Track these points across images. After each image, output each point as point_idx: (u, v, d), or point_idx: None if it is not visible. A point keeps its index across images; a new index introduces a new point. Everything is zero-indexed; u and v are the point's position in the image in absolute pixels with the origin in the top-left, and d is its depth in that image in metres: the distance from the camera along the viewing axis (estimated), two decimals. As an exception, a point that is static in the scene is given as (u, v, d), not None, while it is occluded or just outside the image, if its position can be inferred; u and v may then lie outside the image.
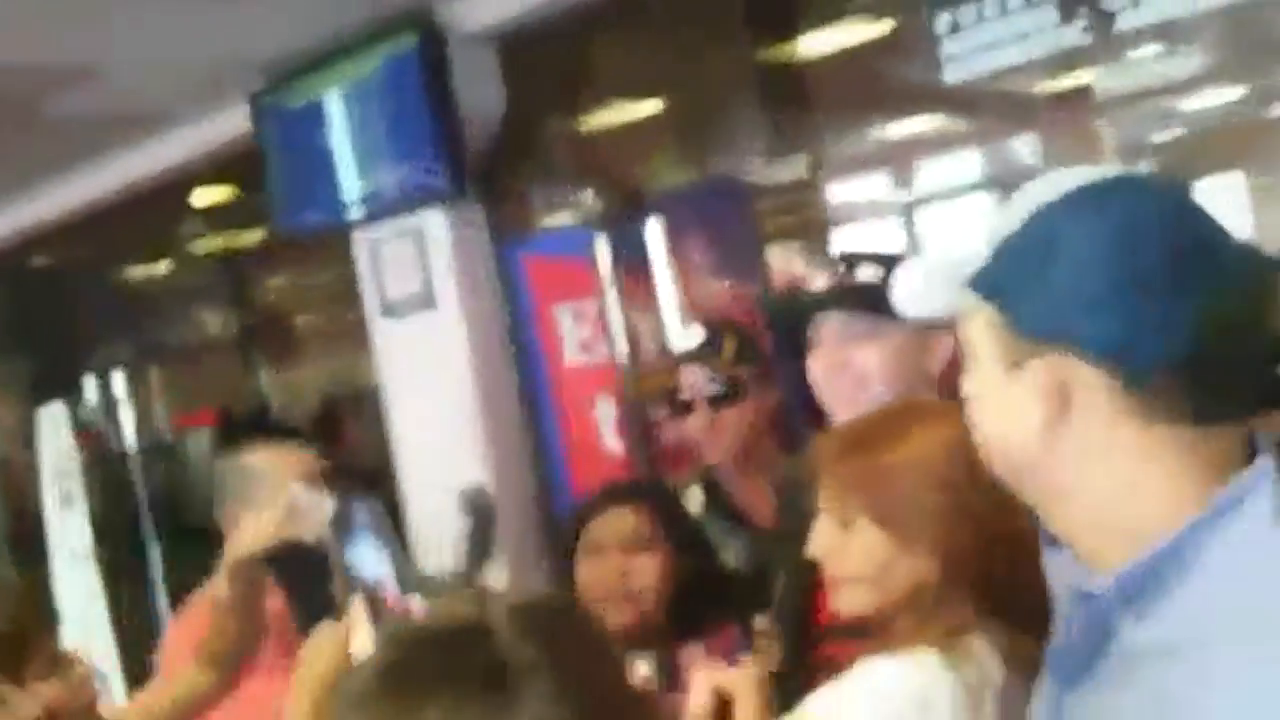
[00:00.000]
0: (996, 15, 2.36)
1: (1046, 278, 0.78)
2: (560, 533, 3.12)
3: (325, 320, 5.34)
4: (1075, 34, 2.32)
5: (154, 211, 4.77)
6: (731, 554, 2.04)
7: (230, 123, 3.69)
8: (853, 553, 1.16)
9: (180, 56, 3.27)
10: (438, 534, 2.89)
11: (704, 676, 1.15)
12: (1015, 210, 0.83)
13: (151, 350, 5.48)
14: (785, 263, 3.26)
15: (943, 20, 2.45)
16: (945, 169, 4.76)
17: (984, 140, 4.61)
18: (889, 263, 1.53)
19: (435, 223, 3.33)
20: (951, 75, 2.38)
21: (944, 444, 1.12)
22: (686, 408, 2.07)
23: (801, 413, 1.92)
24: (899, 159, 4.23)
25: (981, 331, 0.84)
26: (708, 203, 3.13)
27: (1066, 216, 0.79)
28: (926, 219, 4.75)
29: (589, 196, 3.26)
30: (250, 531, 1.67)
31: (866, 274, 1.53)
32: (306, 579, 1.52)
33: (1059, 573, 0.88)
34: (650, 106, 3.60)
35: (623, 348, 3.09)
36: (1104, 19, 2.30)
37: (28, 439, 4.97)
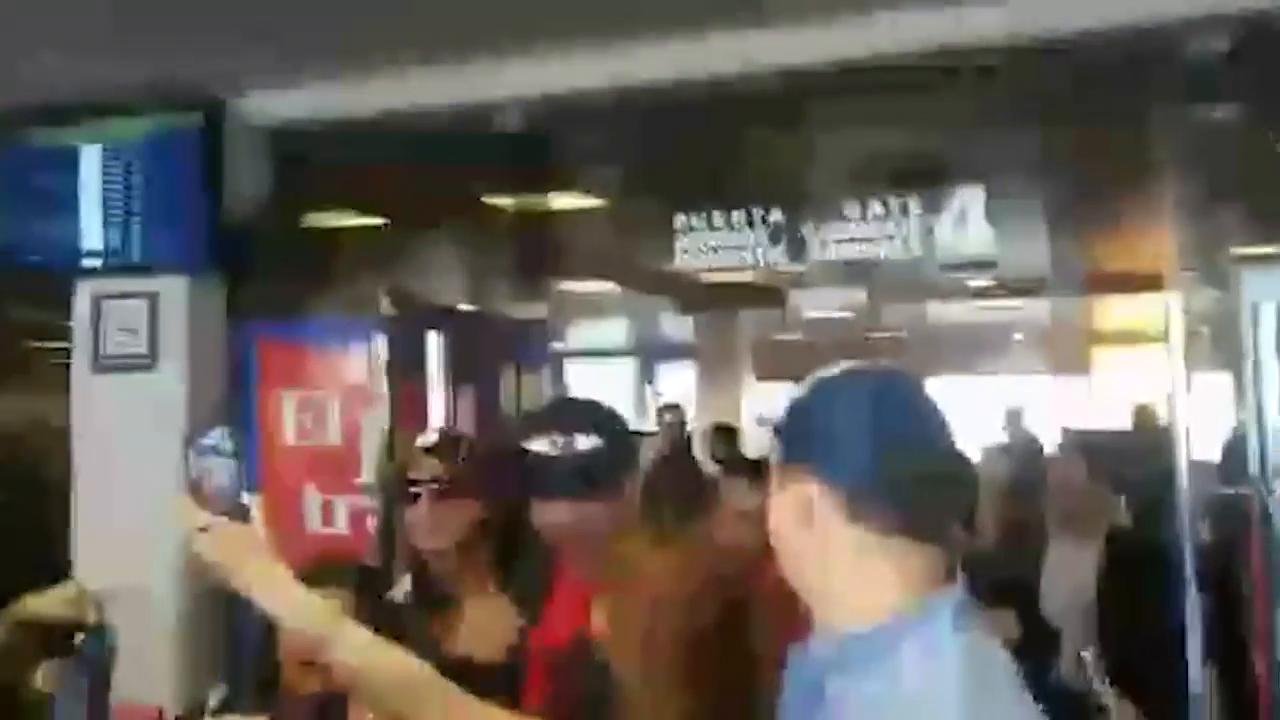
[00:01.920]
0: (723, 226, 2.98)
1: (803, 427, 1.19)
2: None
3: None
4: (776, 254, 2.97)
5: None
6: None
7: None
8: None
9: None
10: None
11: None
12: (804, 385, 1.23)
13: None
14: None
15: (679, 219, 3.03)
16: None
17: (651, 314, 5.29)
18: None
19: (174, 289, 3.40)
20: (683, 269, 2.95)
21: None
22: (415, 497, 2.16)
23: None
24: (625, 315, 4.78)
25: (773, 461, 1.23)
26: (472, 326, 3.45)
27: (821, 392, 1.20)
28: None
29: (358, 297, 3.48)
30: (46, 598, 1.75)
31: (585, 444, 1.65)
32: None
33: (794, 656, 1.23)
34: (410, 223, 3.92)
35: (371, 441, 3.28)
36: (799, 247, 2.98)
37: None
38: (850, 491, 1.15)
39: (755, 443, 7.36)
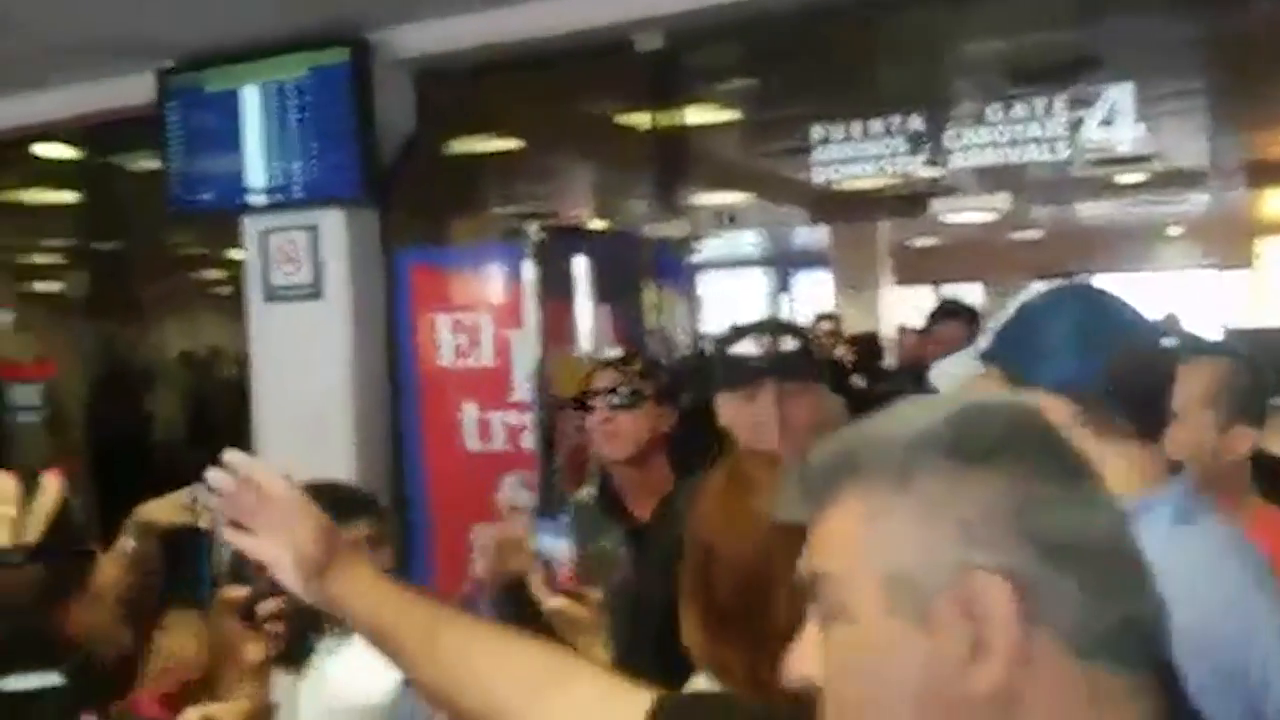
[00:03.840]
0: (860, 135, 2.97)
1: (1028, 346, 1.24)
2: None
3: (179, 290, 5.38)
4: (914, 163, 2.95)
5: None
6: (610, 538, 2.27)
7: (130, 93, 3.81)
8: None
9: (96, 21, 3.39)
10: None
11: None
12: (1008, 310, 1.29)
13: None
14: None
15: (816, 132, 3.03)
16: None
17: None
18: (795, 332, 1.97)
19: (333, 221, 3.60)
20: (819, 178, 2.96)
21: None
22: (589, 408, 2.28)
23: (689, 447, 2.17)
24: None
25: (986, 385, 1.26)
26: (613, 247, 3.55)
27: (1035, 312, 1.27)
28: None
29: (502, 221, 3.62)
30: (162, 504, 1.93)
31: (788, 343, 1.91)
32: (183, 559, 1.81)
33: None
34: (549, 148, 4.01)
35: (527, 357, 3.42)
36: (940, 153, 2.94)
37: None
38: (1083, 402, 1.19)
39: (892, 351, 7.31)
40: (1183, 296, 8.86)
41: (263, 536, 1.18)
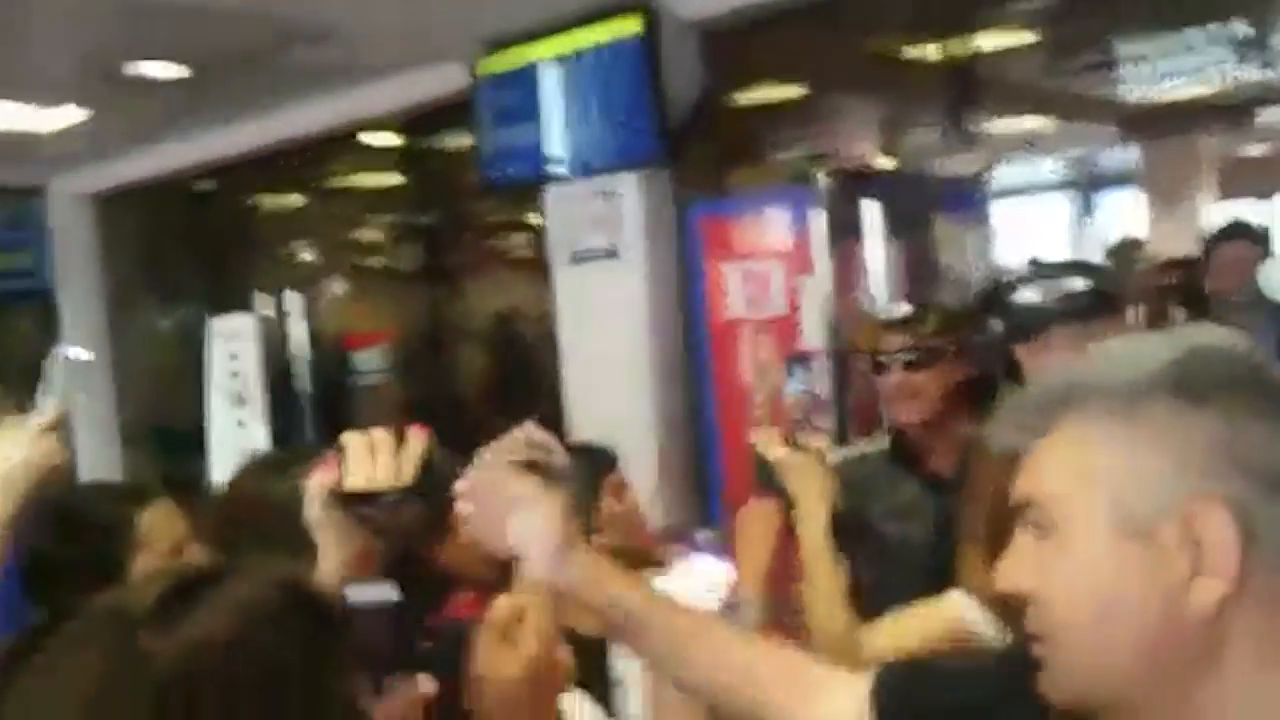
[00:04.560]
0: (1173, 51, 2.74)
1: None
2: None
3: (497, 260, 5.82)
4: (1238, 71, 2.69)
5: (333, 152, 5.28)
6: (905, 491, 2.25)
7: (442, 81, 4.15)
8: None
9: (407, 22, 3.69)
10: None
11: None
12: None
13: (324, 274, 6.01)
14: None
15: (1121, 47, 2.82)
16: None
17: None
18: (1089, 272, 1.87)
19: (628, 185, 3.75)
20: (1129, 94, 2.76)
21: None
22: (883, 368, 2.24)
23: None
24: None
25: None
26: (902, 186, 3.49)
27: None
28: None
29: (789, 168, 3.64)
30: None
31: (1077, 284, 1.83)
32: None
33: None
34: (838, 94, 3.98)
35: (815, 305, 3.44)
36: (1271, 57, 2.67)
37: (193, 345, 5.48)
38: None
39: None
40: None
41: (511, 517, 1.17)
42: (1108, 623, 0.78)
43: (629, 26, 3.51)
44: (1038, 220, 11.83)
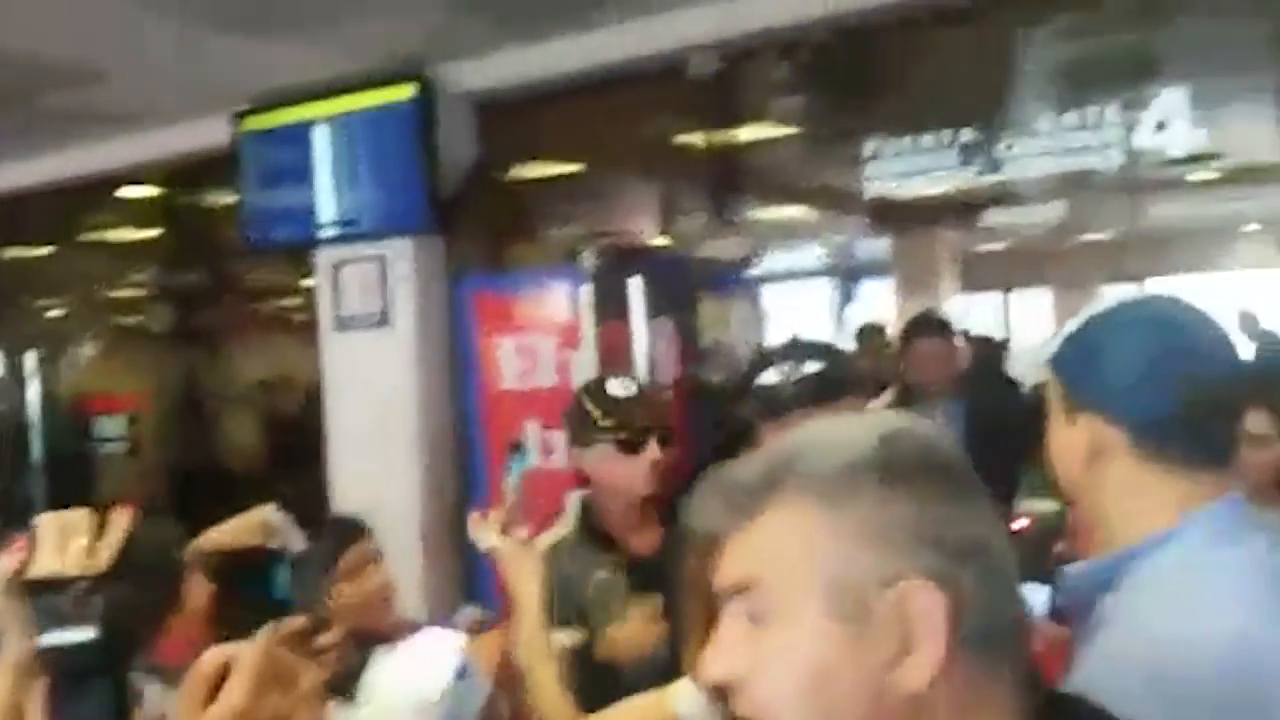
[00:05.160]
0: (910, 151, 2.99)
1: (1088, 367, 1.20)
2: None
3: (264, 324, 5.57)
4: (969, 175, 2.96)
5: (88, 203, 4.96)
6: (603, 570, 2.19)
7: (204, 135, 3.99)
8: None
9: (176, 72, 3.56)
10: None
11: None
12: (1078, 320, 1.25)
13: (65, 334, 5.58)
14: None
15: (869, 146, 3.06)
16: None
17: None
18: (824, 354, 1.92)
19: (400, 251, 3.71)
20: (876, 190, 2.99)
21: None
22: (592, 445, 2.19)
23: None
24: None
25: (1053, 394, 1.25)
26: (669, 265, 3.60)
27: (1106, 329, 1.21)
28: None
29: (561, 244, 3.70)
30: (231, 527, 2.00)
31: (813, 367, 1.87)
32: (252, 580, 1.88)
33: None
34: (608, 171, 4.10)
35: (581, 379, 3.48)
36: (993, 165, 2.96)
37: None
38: (1139, 430, 1.17)
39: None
40: (1258, 295, 8.61)
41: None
42: (822, 705, 0.79)
43: (403, 93, 3.50)
44: (804, 305, 12.52)
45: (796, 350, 1.95)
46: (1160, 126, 2.83)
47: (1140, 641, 1.10)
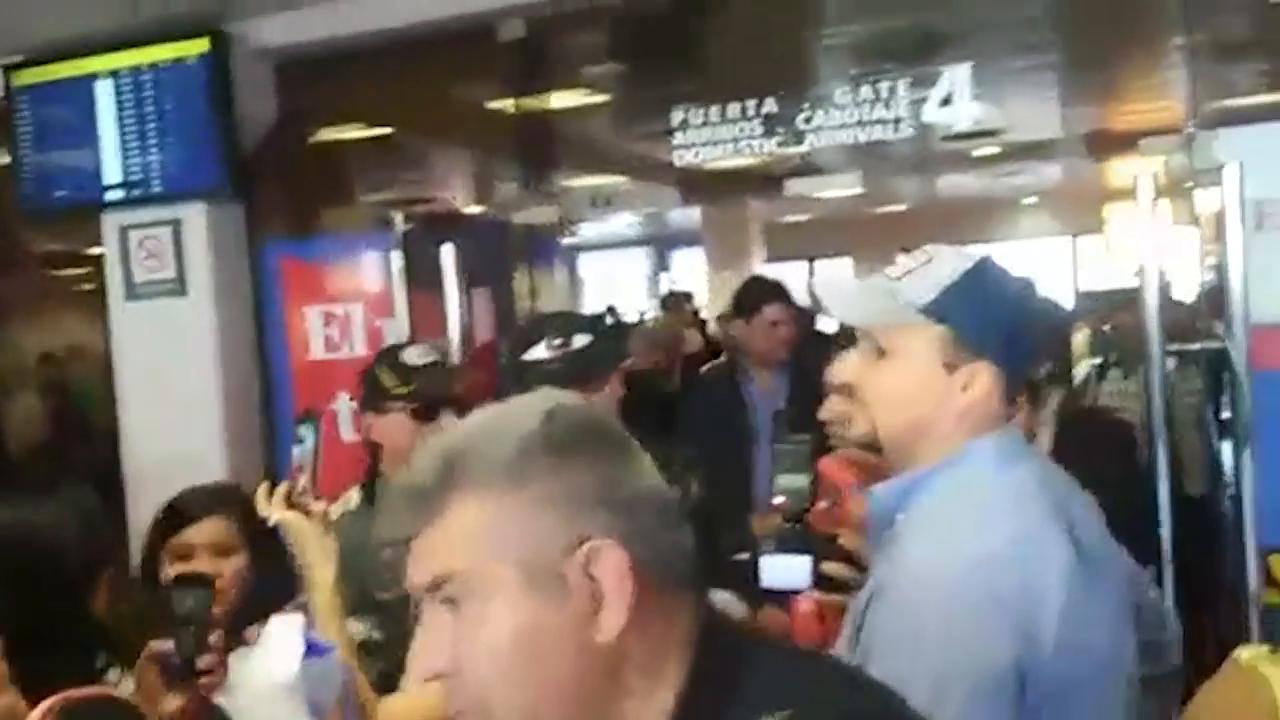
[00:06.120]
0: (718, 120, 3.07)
1: (985, 317, 1.26)
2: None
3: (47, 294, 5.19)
4: (772, 145, 3.07)
5: None
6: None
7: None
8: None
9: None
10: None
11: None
12: (949, 268, 1.29)
13: None
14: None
15: (676, 116, 3.13)
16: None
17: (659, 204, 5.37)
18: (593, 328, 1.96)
19: (194, 215, 3.53)
20: (684, 159, 3.05)
21: None
22: (385, 411, 2.31)
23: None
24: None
25: (918, 339, 1.27)
26: (482, 233, 3.56)
27: (991, 282, 1.29)
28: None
29: (372, 211, 3.60)
30: None
31: (581, 341, 1.91)
32: None
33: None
34: (418, 136, 4.01)
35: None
36: (794, 135, 3.07)
37: None
38: (1015, 374, 1.29)
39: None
40: (1039, 262, 9.29)
41: None
42: (529, 676, 0.84)
43: (195, 48, 3.32)
44: (620, 273, 12.66)
45: (564, 324, 1.95)
46: (946, 101, 3.00)
47: (909, 558, 1.21)
